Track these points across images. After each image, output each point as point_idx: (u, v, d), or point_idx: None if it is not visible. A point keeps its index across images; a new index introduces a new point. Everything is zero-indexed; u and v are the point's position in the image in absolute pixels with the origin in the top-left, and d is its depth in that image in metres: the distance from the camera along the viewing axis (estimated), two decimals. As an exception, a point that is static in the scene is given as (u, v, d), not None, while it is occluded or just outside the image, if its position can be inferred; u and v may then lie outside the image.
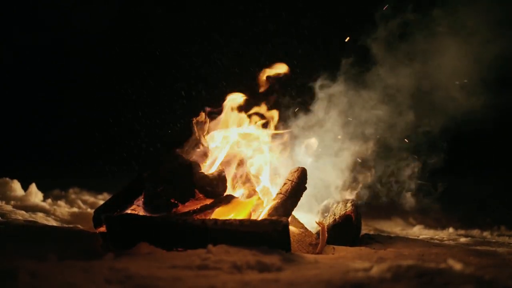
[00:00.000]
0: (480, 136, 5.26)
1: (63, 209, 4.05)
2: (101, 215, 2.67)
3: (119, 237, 2.37)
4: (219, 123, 3.20)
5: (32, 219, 3.28)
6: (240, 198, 2.77)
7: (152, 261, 1.97)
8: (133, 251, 2.21)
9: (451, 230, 4.35)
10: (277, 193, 2.83)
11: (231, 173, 2.92)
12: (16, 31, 7.17)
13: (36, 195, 4.41)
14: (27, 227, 2.89)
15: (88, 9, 6.70)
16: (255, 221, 2.36)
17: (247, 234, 2.19)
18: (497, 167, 6.53)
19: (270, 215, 2.63)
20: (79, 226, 3.28)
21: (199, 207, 2.65)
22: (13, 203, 4.02)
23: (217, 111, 3.23)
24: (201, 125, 3.03)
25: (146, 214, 2.65)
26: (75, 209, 4.17)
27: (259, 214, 2.76)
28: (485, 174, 6.37)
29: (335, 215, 3.03)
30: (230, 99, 3.25)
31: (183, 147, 2.90)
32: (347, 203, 3.07)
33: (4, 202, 4.01)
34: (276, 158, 3.26)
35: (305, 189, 2.87)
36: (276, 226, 2.22)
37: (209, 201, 2.66)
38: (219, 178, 2.72)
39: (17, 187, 4.49)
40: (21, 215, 3.41)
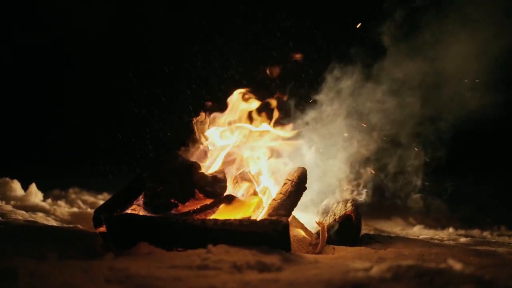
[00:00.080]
0: (480, 136, 5.26)
1: (63, 209, 4.05)
2: (101, 215, 2.67)
3: (119, 237, 2.37)
4: (219, 122, 3.20)
5: (32, 219, 3.28)
6: (240, 198, 2.77)
7: (152, 261, 1.97)
8: (133, 251, 2.21)
9: (451, 230, 4.35)
10: (277, 193, 2.83)
11: (231, 173, 2.92)
12: (16, 31, 7.17)
13: (36, 195, 4.41)
14: (27, 227, 2.89)
15: (88, 9, 6.70)
16: (255, 221, 2.36)
17: (247, 234, 2.19)
18: (497, 167, 6.52)
19: (270, 215, 2.63)
20: (79, 226, 3.28)
21: (199, 207, 2.65)
22: (13, 203, 4.02)
23: (219, 108, 3.23)
24: (201, 125, 3.03)
25: (146, 214, 2.65)
26: (75, 209, 4.17)
27: (259, 214, 2.76)
28: (485, 174, 6.37)
29: (335, 215, 3.03)
30: (231, 98, 3.25)
31: (183, 147, 2.90)
32: (347, 203, 3.07)
33: (4, 202, 4.01)
34: (276, 157, 3.26)
35: (305, 189, 2.86)
36: (276, 226, 2.22)
37: (209, 201, 2.66)
38: (219, 178, 2.72)
39: (17, 187, 4.49)
40: (21, 215, 3.41)
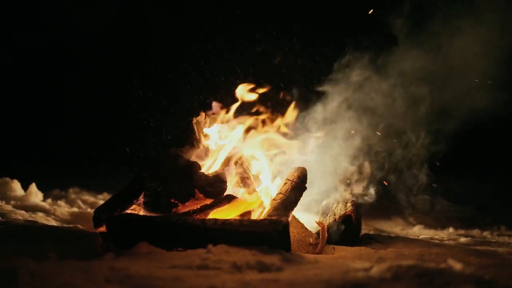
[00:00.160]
0: (480, 136, 5.26)
1: (63, 209, 4.05)
2: (101, 215, 2.67)
3: (119, 237, 2.37)
4: (220, 121, 3.20)
5: (32, 219, 3.28)
6: (240, 198, 2.77)
7: (152, 261, 1.97)
8: (133, 251, 2.21)
9: (451, 230, 4.35)
10: (277, 193, 2.83)
11: (231, 173, 2.92)
12: (16, 31, 7.17)
13: (36, 195, 4.41)
14: (27, 227, 2.89)
15: (88, 9, 6.70)
16: (255, 221, 2.36)
17: (247, 234, 2.19)
18: (497, 167, 6.52)
19: (270, 215, 2.63)
20: (79, 226, 3.28)
21: (199, 207, 2.65)
22: (13, 203, 4.02)
23: (219, 108, 3.23)
24: (201, 125, 3.03)
25: (146, 214, 2.65)
26: (75, 209, 4.17)
27: (259, 214, 2.76)
28: (485, 174, 6.36)
29: (335, 215, 3.03)
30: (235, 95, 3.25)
31: (183, 147, 2.90)
32: (347, 203, 3.07)
33: (4, 202, 4.01)
34: (276, 157, 3.26)
35: (305, 189, 2.86)
36: (276, 226, 2.22)
37: (209, 201, 2.66)
38: (219, 178, 2.72)
39: (17, 187, 4.49)
40: (21, 215, 3.41)
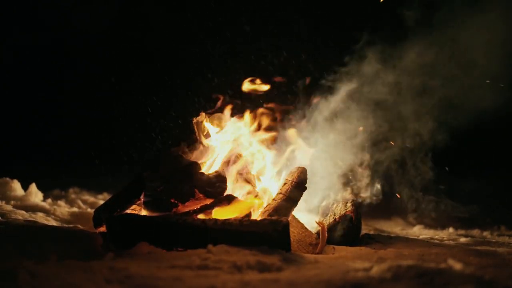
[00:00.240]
0: (480, 136, 5.26)
1: (63, 209, 4.05)
2: (101, 215, 2.67)
3: (119, 237, 2.37)
4: (220, 121, 3.20)
5: (32, 219, 3.28)
6: (240, 198, 2.77)
7: (152, 261, 1.97)
8: (133, 251, 2.21)
9: (451, 230, 4.35)
10: (277, 193, 2.83)
11: (231, 173, 2.92)
12: (16, 31, 7.17)
13: (36, 195, 4.41)
14: (27, 227, 2.88)
15: (88, 9, 6.70)
16: (255, 221, 2.36)
17: (247, 234, 2.19)
18: (497, 167, 6.52)
19: (270, 215, 2.63)
20: (79, 226, 3.28)
21: (199, 207, 2.65)
22: (13, 203, 4.02)
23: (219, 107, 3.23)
24: (201, 125, 3.03)
25: (146, 214, 2.65)
26: (75, 209, 4.17)
27: (259, 214, 2.76)
28: (485, 174, 6.37)
29: (335, 215, 3.03)
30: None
31: (183, 147, 2.90)
32: (347, 203, 3.07)
33: (4, 202, 4.01)
34: (276, 157, 3.26)
35: (305, 189, 2.86)
36: (276, 226, 2.22)
37: (209, 201, 2.66)
38: (219, 178, 2.72)
39: (17, 187, 4.49)
40: (21, 215, 3.41)
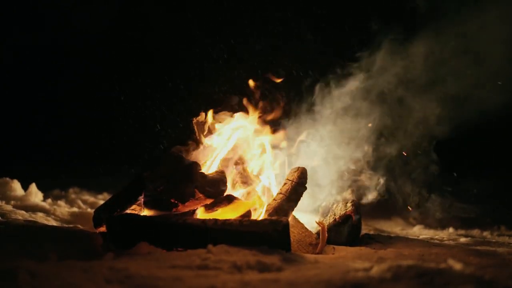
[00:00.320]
0: (480, 136, 5.26)
1: (63, 209, 4.05)
2: (101, 215, 2.67)
3: (119, 237, 2.37)
4: (220, 121, 3.20)
5: (32, 219, 3.28)
6: (240, 198, 2.77)
7: (152, 261, 1.97)
8: (133, 251, 2.21)
9: (451, 230, 4.35)
10: (277, 193, 2.83)
11: (231, 173, 2.92)
12: (16, 31, 7.17)
13: (36, 195, 4.41)
14: (27, 227, 2.89)
15: (88, 9, 6.70)
16: (255, 221, 2.36)
17: (247, 234, 2.19)
18: (497, 167, 6.52)
19: (270, 215, 2.63)
20: (79, 226, 3.28)
21: (199, 207, 2.65)
22: (13, 203, 4.02)
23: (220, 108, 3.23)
24: (201, 125, 3.03)
25: (146, 214, 2.65)
26: (75, 209, 4.17)
27: (259, 214, 2.76)
28: (485, 174, 6.37)
29: (335, 215, 3.03)
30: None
31: (183, 147, 2.90)
32: (347, 203, 3.07)
33: (4, 202, 4.01)
34: (277, 157, 3.26)
35: (306, 189, 2.86)
36: (276, 226, 2.22)
37: (209, 201, 2.66)
38: (219, 178, 2.72)
39: (17, 187, 4.49)
40: (21, 215, 3.41)
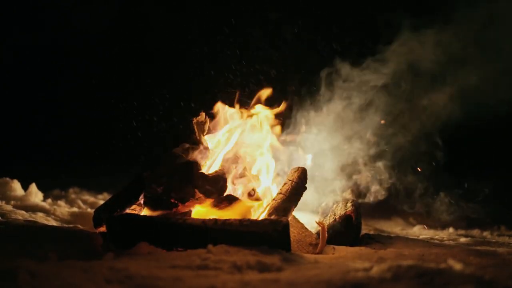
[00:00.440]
0: (480, 136, 5.26)
1: (63, 209, 4.04)
2: (101, 215, 2.67)
3: (119, 237, 2.37)
4: (221, 122, 3.20)
5: (32, 219, 3.28)
6: (240, 198, 2.77)
7: (152, 261, 1.97)
8: (133, 251, 2.21)
9: (451, 230, 4.35)
10: (277, 193, 2.83)
11: (231, 172, 2.92)
12: (16, 31, 7.16)
13: (36, 195, 4.41)
14: (27, 227, 2.89)
15: (88, 9, 6.70)
16: (255, 221, 2.36)
17: (247, 234, 2.19)
18: (497, 167, 6.52)
19: (270, 215, 2.63)
20: (79, 226, 3.28)
21: (199, 207, 2.65)
22: (13, 203, 4.02)
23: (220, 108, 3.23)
24: (201, 125, 3.03)
25: (146, 214, 2.65)
26: (75, 209, 4.17)
27: (259, 214, 2.76)
28: (485, 174, 6.37)
29: (335, 215, 3.03)
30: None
31: (183, 147, 2.90)
32: (347, 203, 3.07)
33: (4, 202, 4.00)
34: (277, 157, 3.26)
35: (306, 189, 2.87)
36: (276, 226, 2.22)
37: (209, 201, 2.66)
38: (219, 178, 2.72)
39: (17, 187, 4.49)
40: (21, 215, 3.41)
